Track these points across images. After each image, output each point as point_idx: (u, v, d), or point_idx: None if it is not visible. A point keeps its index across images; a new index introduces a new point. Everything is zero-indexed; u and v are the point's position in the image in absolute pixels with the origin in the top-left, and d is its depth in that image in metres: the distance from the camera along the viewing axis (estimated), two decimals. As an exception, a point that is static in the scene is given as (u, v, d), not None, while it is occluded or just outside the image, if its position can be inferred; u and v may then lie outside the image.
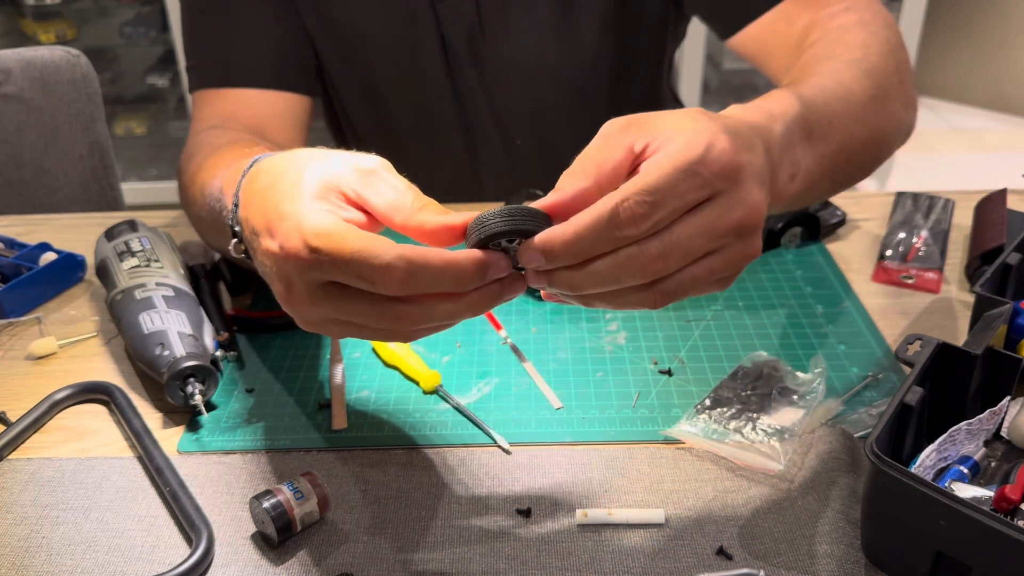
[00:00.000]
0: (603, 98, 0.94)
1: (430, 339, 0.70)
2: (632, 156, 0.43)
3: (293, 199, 0.45)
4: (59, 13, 2.41)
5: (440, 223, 0.44)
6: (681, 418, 0.59)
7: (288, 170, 0.47)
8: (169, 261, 0.71)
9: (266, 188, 0.48)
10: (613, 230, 0.40)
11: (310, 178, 0.46)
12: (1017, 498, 0.48)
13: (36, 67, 1.10)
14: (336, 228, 0.43)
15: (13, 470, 0.57)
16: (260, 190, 0.48)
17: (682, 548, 0.50)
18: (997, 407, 0.54)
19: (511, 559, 0.50)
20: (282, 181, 0.47)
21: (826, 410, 0.60)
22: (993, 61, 3.09)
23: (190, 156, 0.75)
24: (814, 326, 0.70)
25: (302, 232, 0.43)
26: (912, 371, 0.51)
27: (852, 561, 0.49)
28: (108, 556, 0.51)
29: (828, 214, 0.82)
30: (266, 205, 0.46)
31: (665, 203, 0.40)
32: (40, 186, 1.14)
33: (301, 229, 0.43)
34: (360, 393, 0.64)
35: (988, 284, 0.62)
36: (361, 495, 0.54)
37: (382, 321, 0.43)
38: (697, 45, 2.33)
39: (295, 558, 0.50)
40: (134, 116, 2.59)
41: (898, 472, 0.44)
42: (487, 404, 0.62)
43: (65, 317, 0.74)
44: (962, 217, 0.85)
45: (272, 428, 0.60)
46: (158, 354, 0.60)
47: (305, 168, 0.47)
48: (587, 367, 0.66)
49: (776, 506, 0.53)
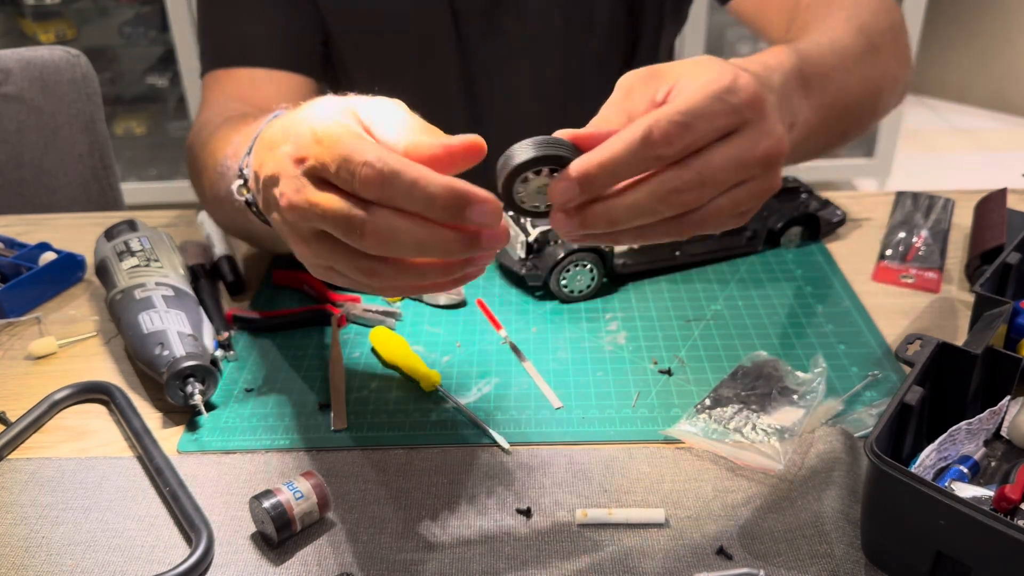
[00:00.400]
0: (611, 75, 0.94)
1: (430, 339, 0.70)
2: (655, 106, 0.44)
3: (313, 112, 0.47)
4: (59, 13, 2.41)
5: (439, 143, 0.43)
6: (681, 418, 0.59)
7: (310, 104, 0.49)
8: (169, 261, 0.71)
9: (288, 120, 0.49)
10: (647, 149, 0.40)
11: (331, 102, 0.48)
12: (1017, 498, 0.48)
13: (36, 67, 1.10)
14: (339, 129, 0.44)
15: (13, 470, 0.57)
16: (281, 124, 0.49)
17: (682, 548, 0.50)
18: (997, 407, 0.54)
19: (511, 559, 0.50)
20: (304, 109, 0.48)
21: (826, 410, 0.60)
22: (993, 61, 3.09)
23: (199, 130, 0.76)
24: (814, 326, 0.70)
25: (314, 130, 0.44)
26: (912, 371, 0.51)
27: (852, 561, 0.49)
28: (108, 556, 0.51)
29: (828, 214, 0.82)
30: (285, 126, 0.48)
31: (696, 126, 0.41)
32: (40, 186, 1.14)
33: (313, 128, 0.44)
34: (360, 393, 0.64)
35: (988, 284, 0.62)
36: (361, 495, 0.54)
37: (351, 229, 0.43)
38: (697, 45, 2.33)
39: (295, 558, 0.50)
40: (134, 116, 2.59)
41: (898, 472, 0.44)
42: (487, 404, 0.62)
43: (65, 317, 0.74)
44: (962, 217, 0.85)
45: (272, 428, 0.60)
46: (158, 354, 0.60)
47: (328, 100, 0.48)
48: (587, 367, 0.66)
49: (776, 506, 0.53)
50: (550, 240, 0.73)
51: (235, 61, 0.85)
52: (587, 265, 0.73)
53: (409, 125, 0.46)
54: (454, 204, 0.40)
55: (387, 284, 0.46)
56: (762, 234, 0.80)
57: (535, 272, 0.73)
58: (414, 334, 0.70)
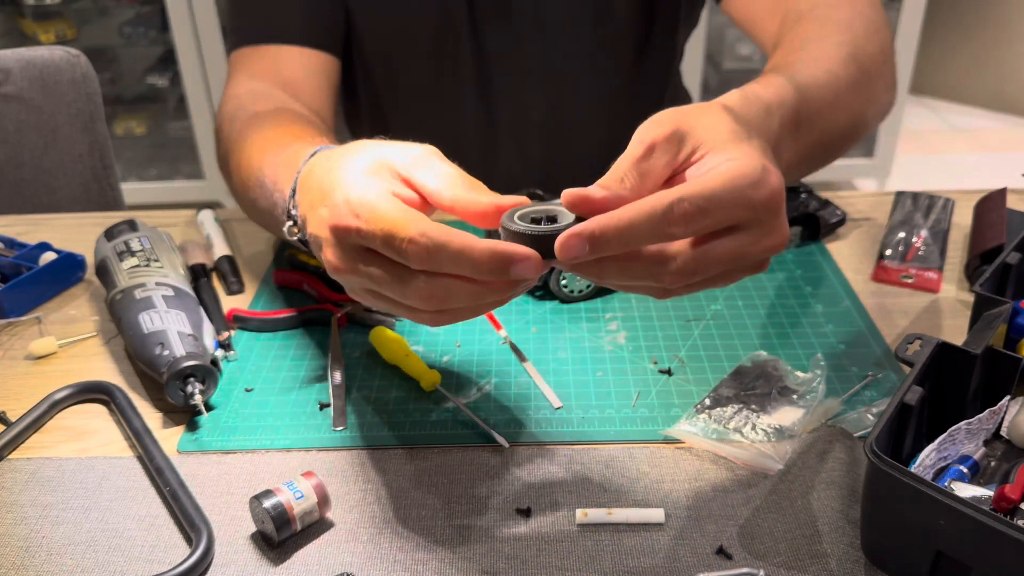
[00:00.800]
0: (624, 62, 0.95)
1: (430, 339, 0.70)
2: (674, 168, 0.45)
3: (346, 173, 0.48)
4: (59, 13, 2.41)
5: (491, 203, 0.46)
6: (681, 418, 0.59)
7: (345, 154, 0.50)
8: (169, 261, 0.71)
9: (324, 172, 0.51)
10: (664, 226, 0.41)
11: (365, 157, 0.49)
12: (1017, 498, 0.48)
13: (36, 67, 1.10)
14: (378, 198, 0.45)
15: (13, 470, 0.57)
16: (319, 175, 0.51)
17: (682, 548, 0.50)
18: (997, 407, 0.54)
19: (511, 559, 0.50)
20: (340, 163, 0.50)
21: (826, 410, 0.60)
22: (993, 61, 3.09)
23: (231, 118, 0.78)
24: (814, 326, 0.70)
25: (348, 200, 0.46)
26: (912, 371, 0.51)
27: (852, 561, 0.49)
28: (108, 556, 0.51)
29: (828, 214, 0.82)
30: (323, 183, 0.50)
31: (713, 214, 0.41)
32: (40, 186, 1.14)
33: (348, 197, 0.46)
34: (360, 393, 0.64)
35: (988, 283, 0.62)
36: (361, 495, 0.54)
37: (405, 294, 0.45)
38: (697, 45, 2.33)
39: (295, 558, 0.50)
40: (134, 116, 2.59)
41: (898, 472, 0.44)
42: (487, 404, 0.62)
43: (65, 317, 0.74)
44: (962, 216, 0.85)
45: (272, 428, 0.60)
46: (158, 354, 0.60)
47: (362, 150, 0.50)
48: (587, 367, 0.66)
49: (776, 506, 0.53)
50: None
51: (262, 39, 0.86)
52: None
53: (450, 175, 0.48)
54: (499, 267, 0.42)
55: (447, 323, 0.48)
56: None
57: (535, 272, 0.73)
58: (414, 334, 0.70)
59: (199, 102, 2.36)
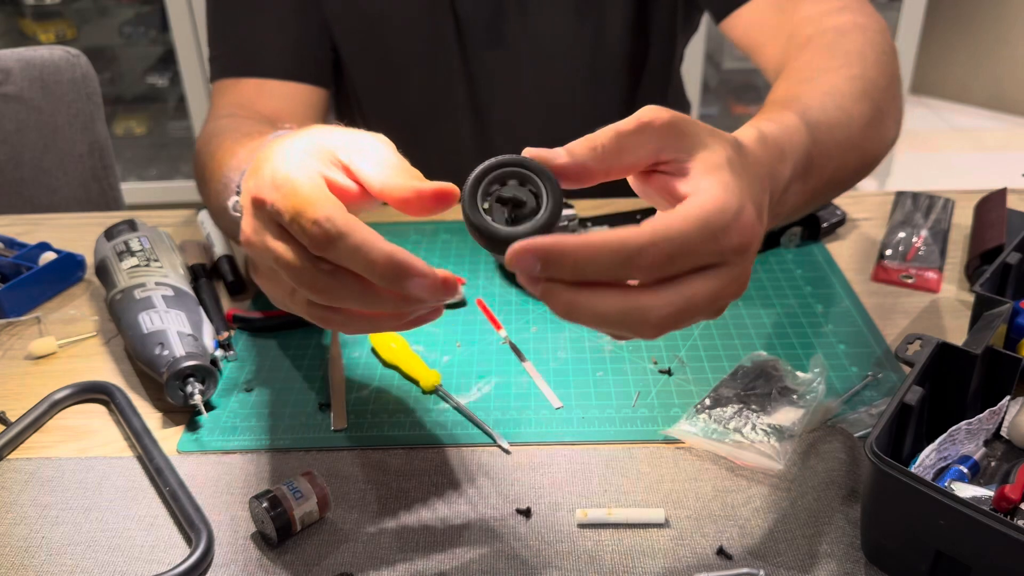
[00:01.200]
0: (619, 86, 0.94)
1: (430, 339, 0.70)
2: (656, 160, 0.42)
3: (284, 151, 0.46)
4: (59, 13, 2.41)
5: (411, 187, 0.43)
6: (681, 418, 0.59)
7: (296, 135, 0.49)
8: (169, 261, 0.71)
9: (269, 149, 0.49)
10: (624, 268, 0.38)
11: (309, 139, 0.47)
12: (1017, 498, 0.48)
13: (36, 67, 1.10)
14: (301, 177, 0.44)
15: (13, 470, 0.57)
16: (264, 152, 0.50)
17: (682, 548, 0.50)
18: (997, 407, 0.54)
19: (511, 559, 0.50)
20: (285, 142, 0.48)
21: (826, 410, 0.60)
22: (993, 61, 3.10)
23: (208, 139, 0.76)
24: (814, 326, 0.70)
25: (274, 174, 0.44)
26: (912, 371, 0.51)
27: (852, 561, 0.49)
28: (108, 556, 0.51)
29: (828, 214, 0.82)
30: (260, 158, 0.48)
31: (680, 261, 0.39)
32: (40, 186, 1.14)
33: (274, 172, 0.45)
34: (360, 393, 0.64)
35: (988, 284, 0.62)
36: (361, 495, 0.54)
37: (300, 279, 0.43)
38: (697, 45, 2.33)
39: (295, 558, 0.50)
40: (134, 116, 2.59)
41: (898, 472, 0.44)
42: (487, 404, 0.62)
43: (65, 317, 0.74)
44: (962, 217, 0.85)
45: (272, 428, 0.60)
46: (158, 354, 0.60)
47: (310, 133, 0.48)
48: (587, 367, 0.66)
49: (776, 506, 0.53)
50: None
51: (243, 71, 0.85)
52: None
53: (389, 163, 0.45)
54: (393, 274, 0.40)
55: (336, 328, 0.46)
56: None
57: (535, 272, 0.73)
58: (414, 334, 0.70)
59: (199, 102, 2.36)
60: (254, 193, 0.45)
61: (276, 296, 0.48)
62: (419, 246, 0.83)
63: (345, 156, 0.46)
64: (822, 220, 0.81)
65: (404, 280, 0.40)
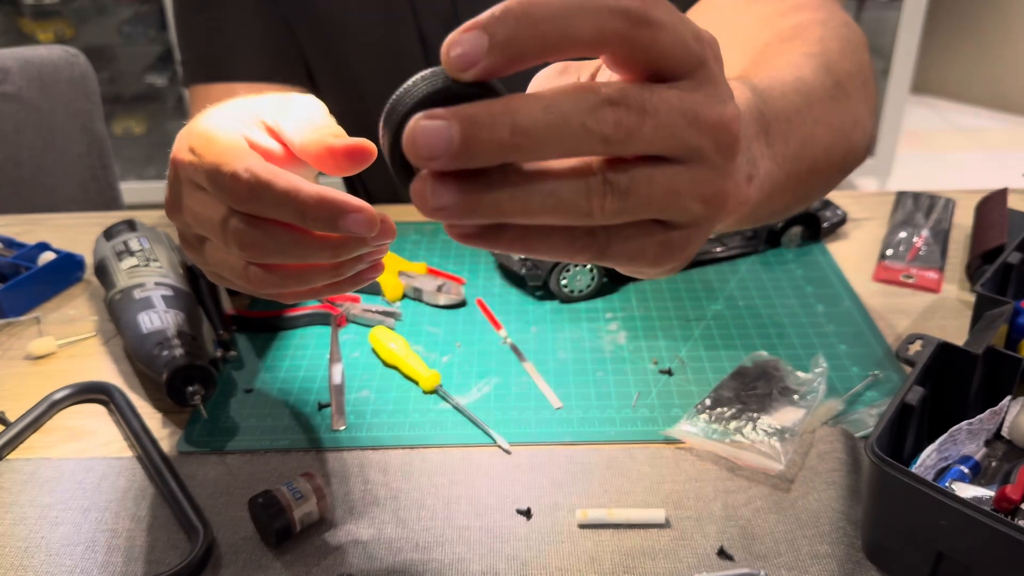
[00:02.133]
0: None
1: (430, 339, 0.69)
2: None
3: (208, 114, 0.45)
4: (57, 12, 2.41)
5: (322, 144, 0.41)
6: (681, 418, 0.59)
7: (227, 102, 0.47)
8: (168, 261, 0.71)
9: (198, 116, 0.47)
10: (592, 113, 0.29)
11: (236, 104, 0.46)
12: (1018, 498, 0.48)
13: (35, 66, 1.10)
14: (218, 135, 0.42)
15: (12, 470, 0.57)
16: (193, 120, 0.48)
17: (682, 548, 0.50)
18: (998, 407, 0.54)
19: (511, 559, 0.50)
20: (214, 108, 0.47)
21: (827, 410, 0.60)
22: (993, 60, 3.09)
23: None
24: (815, 326, 0.70)
25: (190, 135, 0.43)
26: (913, 371, 0.51)
27: (853, 561, 0.49)
28: (108, 556, 0.51)
29: (829, 213, 0.82)
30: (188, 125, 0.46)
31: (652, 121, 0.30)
32: (39, 185, 1.14)
33: (191, 132, 0.44)
34: (360, 393, 0.64)
35: (989, 283, 0.62)
36: (361, 495, 0.54)
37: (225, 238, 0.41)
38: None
39: (295, 558, 0.50)
40: (133, 115, 2.59)
41: (899, 472, 0.44)
42: (487, 404, 0.62)
43: (64, 317, 0.74)
44: (963, 216, 0.85)
45: (272, 428, 0.60)
46: (157, 354, 0.60)
47: (239, 99, 0.47)
48: (587, 367, 0.66)
49: (776, 506, 0.53)
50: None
51: (211, 77, 0.83)
52: (587, 265, 0.73)
53: (312, 122, 0.43)
54: (327, 214, 0.39)
55: (274, 292, 0.45)
56: (762, 234, 0.80)
57: (535, 272, 0.73)
58: (414, 334, 0.70)
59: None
60: (173, 156, 0.44)
61: (206, 268, 0.46)
62: (419, 246, 0.83)
63: (271, 119, 0.45)
64: (823, 220, 0.81)
65: (339, 218, 0.39)
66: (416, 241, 0.84)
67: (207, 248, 0.45)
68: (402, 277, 0.75)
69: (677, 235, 0.35)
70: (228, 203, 0.41)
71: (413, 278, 0.75)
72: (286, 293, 0.45)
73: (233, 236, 0.41)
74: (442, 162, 0.28)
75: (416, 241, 0.84)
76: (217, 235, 0.42)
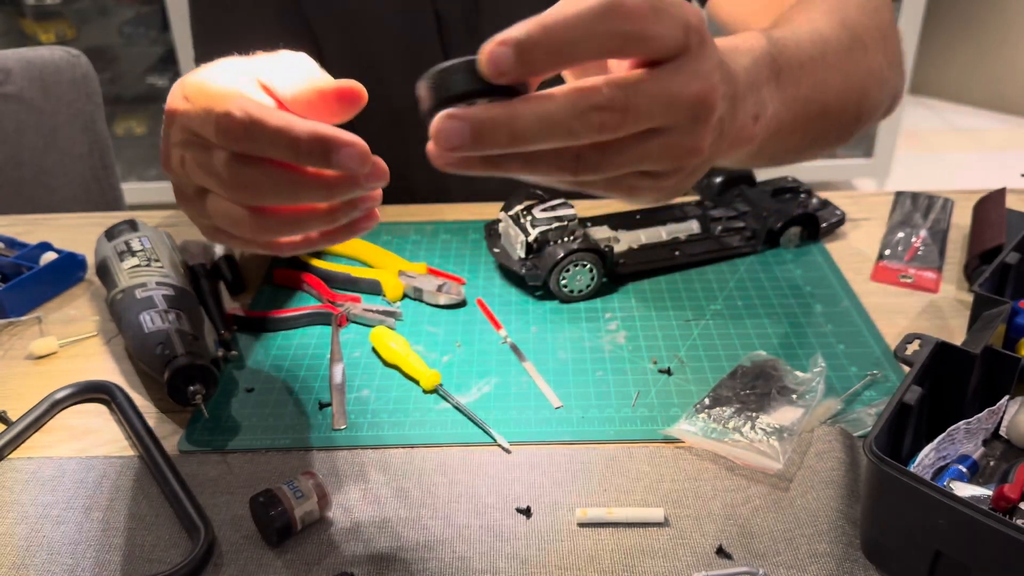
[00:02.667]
0: None
1: (430, 339, 0.70)
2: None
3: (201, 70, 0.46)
4: (59, 13, 2.41)
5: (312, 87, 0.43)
6: (681, 417, 0.59)
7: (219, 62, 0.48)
8: (169, 261, 0.71)
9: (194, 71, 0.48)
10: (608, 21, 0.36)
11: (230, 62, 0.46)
12: (1016, 497, 0.48)
13: (36, 67, 1.10)
14: (209, 82, 0.43)
15: (13, 469, 0.57)
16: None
17: (682, 547, 0.50)
18: (996, 406, 0.54)
19: (511, 559, 0.50)
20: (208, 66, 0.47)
21: (825, 409, 0.60)
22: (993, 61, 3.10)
23: None
24: (813, 325, 0.70)
25: (183, 85, 0.44)
26: (911, 370, 0.51)
27: (851, 560, 0.49)
28: (108, 556, 0.51)
29: (827, 213, 0.82)
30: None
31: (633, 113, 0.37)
32: (40, 186, 1.14)
33: (184, 83, 0.45)
34: (360, 393, 0.64)
35: (987, 283, 0.62)
36: (361, 495, 0.55)
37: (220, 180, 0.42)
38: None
39: (295, 558, 0.50)
40: (134, 116, 2.59)
41: (897, 471, 0.44)
42: (487, 404, 0.62)
43: (65, 317, 0.74)
44: (961, 217, 0.85)
45: (272, 428, 0.60)
46: (158, 353, 0.60)
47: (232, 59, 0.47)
48: (587, 367, 0.66)
49: (775, 505, 0.53)
50: (550, 240, 0.73)
51: None
52: (587, 265, 0.73)
53: (303, 75, 0.44)
54: (320, 149, 0.39)
55: (271, 239, 0.45)
56: (762, 234, 0.80)
57: (535, 272, 0.73)
58: (414, 334, 0.70)
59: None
60: (167, 107, 0.44)
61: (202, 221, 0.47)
62: (419, 246, 0.83)
63: (266, 77, 0.45)
64: (821, 220, 0.81)
65: (332, 153, 0.39)
66: (416, 241, 0.84)
67: (208, 200, 0.45)
68: (402, 277, 0.75)
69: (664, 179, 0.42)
70: (222, 143, 0.41)
71: (413, 278, 0.75)
72: (283, 243, 0.45)
73: (228, 177, 0.41)
74: (460, 150, 0.36)
75: (416, 241, 0.84)
76: (212, 180, 0.43)
